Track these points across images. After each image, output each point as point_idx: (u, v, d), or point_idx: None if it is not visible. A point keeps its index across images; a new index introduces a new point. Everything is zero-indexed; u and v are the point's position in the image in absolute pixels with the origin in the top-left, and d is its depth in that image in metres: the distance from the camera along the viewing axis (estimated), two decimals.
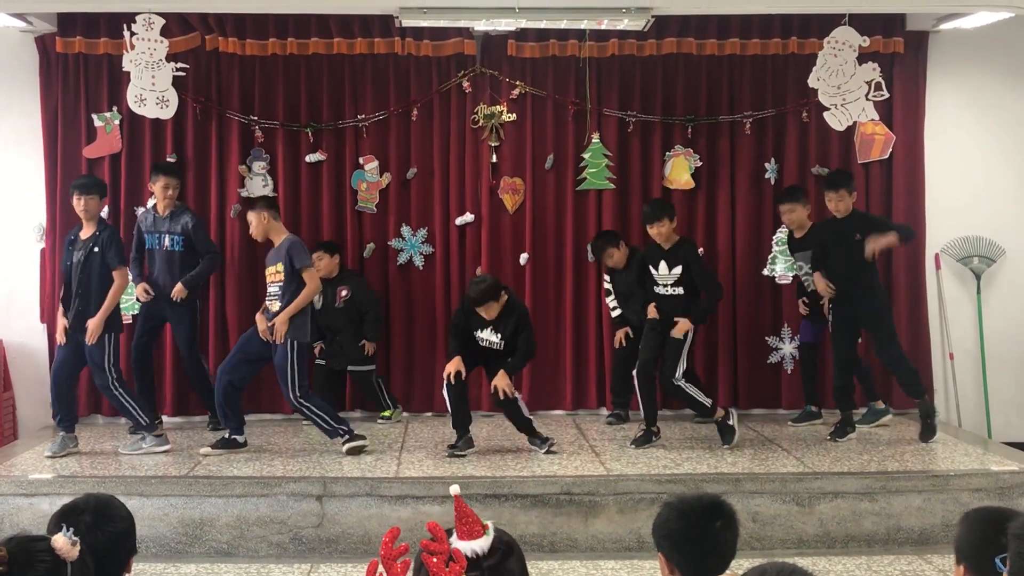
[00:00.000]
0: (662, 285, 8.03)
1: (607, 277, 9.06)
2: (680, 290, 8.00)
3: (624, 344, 8.85)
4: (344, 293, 8.91)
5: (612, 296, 9.01)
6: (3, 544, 2.69)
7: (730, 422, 8.05)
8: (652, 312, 8.09)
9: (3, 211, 9.13)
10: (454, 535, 2.57)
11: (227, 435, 7.96)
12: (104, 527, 3.22)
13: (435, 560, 2.49)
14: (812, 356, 8.92)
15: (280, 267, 7.79)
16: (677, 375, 7.92)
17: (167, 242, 8.51)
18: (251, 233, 8.10)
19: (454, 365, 7.73)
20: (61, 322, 7.87)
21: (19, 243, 9.10)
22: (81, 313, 7.76)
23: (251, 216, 8.02)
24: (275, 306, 7.76)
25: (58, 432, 7.95)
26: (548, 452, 7.83)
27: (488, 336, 7.79)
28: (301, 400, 7.78)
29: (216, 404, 8.08)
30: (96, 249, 7.80)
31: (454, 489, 2.66)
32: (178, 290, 8.40)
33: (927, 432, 8.15)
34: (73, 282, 7.81)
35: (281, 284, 7.76)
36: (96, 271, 7.77)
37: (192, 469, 7.46)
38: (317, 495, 7.05)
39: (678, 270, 7.97)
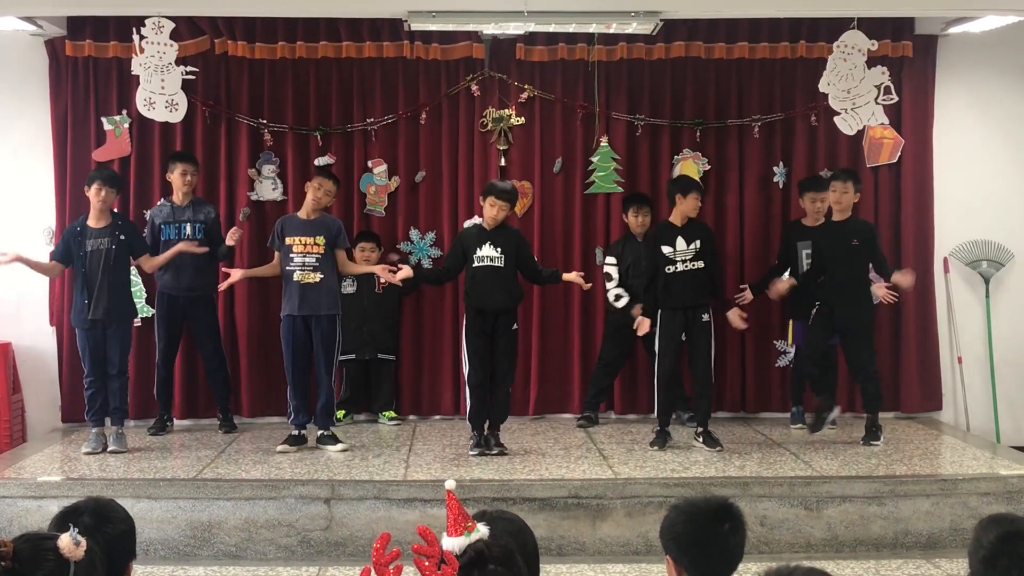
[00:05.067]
0: (680, 262, 8.01)
1: (611, 259, 8.93)
2: (700, 264, 8.01)
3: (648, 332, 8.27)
4: (384, 281, 8.85)
5: (614, 281, 8.87)
6: (15, 540, 2.69)
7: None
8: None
9: (12, 214, 9.14)
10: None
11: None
12: (103, 529, 3.19)
13: (427, 564, 2.51)
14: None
15: (322, 240, 8.02)
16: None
17: (189, 231, 8.42)
18: (320, 199, 8.11)
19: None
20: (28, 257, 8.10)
21: (28, 246, 9.09)
22: (99, 301, 7.85)
23: (329, 183, 8.22)
24: (314, 277, 7.96)
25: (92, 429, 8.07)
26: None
27: (488, 252, 7.84)
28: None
29: None
30: (123, 238, 7.95)
31: (449, 484, 2.70)
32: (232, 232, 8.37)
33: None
34: (92, 271, 7.88)
35: (320, 256, 8.00)
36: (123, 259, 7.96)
37: (200, 472, 7.47)
38: (325, 498, 7.05)
39: (696, 244, 8.00)
